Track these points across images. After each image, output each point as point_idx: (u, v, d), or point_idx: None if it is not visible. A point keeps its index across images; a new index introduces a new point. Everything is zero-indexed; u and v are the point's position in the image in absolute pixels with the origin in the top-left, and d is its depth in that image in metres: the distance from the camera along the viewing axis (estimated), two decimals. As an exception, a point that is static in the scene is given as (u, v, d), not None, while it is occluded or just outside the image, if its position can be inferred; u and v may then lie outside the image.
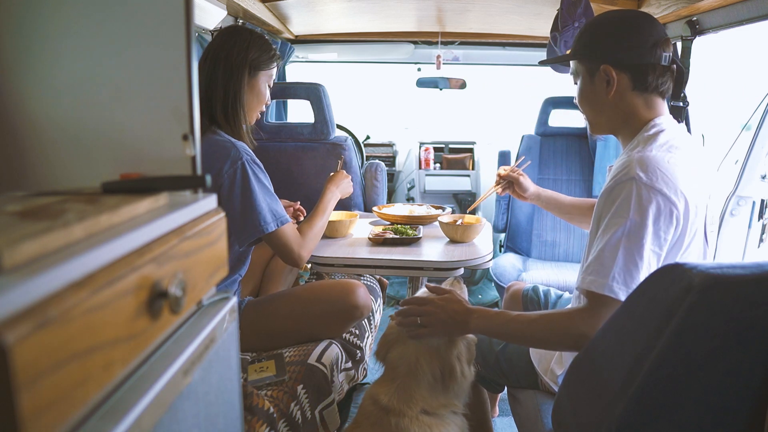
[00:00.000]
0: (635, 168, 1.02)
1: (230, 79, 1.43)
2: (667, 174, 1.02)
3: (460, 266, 1.60)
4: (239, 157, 1.35)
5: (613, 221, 1.01)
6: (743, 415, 0.80)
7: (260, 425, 1.18)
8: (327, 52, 3.07)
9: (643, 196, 0.99)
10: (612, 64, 1.13)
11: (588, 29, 1.19)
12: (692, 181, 1.05)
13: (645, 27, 1.12)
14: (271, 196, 1.41)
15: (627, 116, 1.16)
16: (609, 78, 1.14)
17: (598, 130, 1.26)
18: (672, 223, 1.00)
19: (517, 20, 2.46)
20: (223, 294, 0.72)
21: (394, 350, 1.20)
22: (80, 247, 0.44)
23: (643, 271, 0.99)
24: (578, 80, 1.23)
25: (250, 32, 1.47)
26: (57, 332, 0.38)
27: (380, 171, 2.49)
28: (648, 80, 1.12)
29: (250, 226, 1.36)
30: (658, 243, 1.00)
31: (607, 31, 1.15)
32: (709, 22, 1.73)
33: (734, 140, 1.98)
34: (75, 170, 0.74)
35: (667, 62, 1.12)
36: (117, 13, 0.69)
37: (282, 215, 1.41)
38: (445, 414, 1.15)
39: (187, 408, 0.59)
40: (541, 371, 1.32)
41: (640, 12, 1.17)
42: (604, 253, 1.01)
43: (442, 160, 3.68)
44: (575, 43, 1.22)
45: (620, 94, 1.15)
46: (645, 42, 1.10)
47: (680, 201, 1.01)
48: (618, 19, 1.16)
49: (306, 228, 1.51)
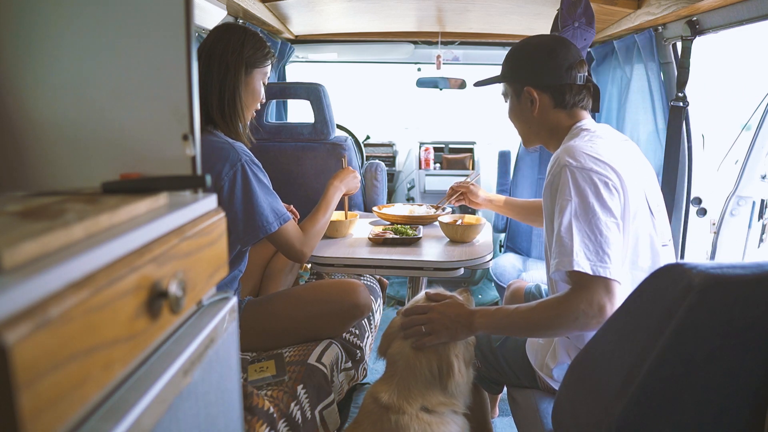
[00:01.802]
0: (564, 157, 1.13)
1: (226, 78, 1.41)
2: (593, 154, 1.12)
3: (460, 266, 1.60)
4: (238, 159, 1.34)
5: (560, 208, 1.10)
6: (743, 415, 0.80)
7: (260, 425, 1.18)
8: (327, 52, 3.07)
9: (578, 177, 1.09)
10: (533, 86, 1.28)
11: (513, 54, 1.34)
12: (622, 163, 1.14)
13: (561, 52, 1.25)
14: (272, 195, 1.41)
15: (552, 129, 1.31)
16: (532, 98, 1.28)
17: (529, 143, 1.40)
18: (612, 192, 1.09)
19: (517, 20, 2.46)
20: (223, 294, 0.72)
21: (394, 346, 1.21)
22: (80, 247, 0.44)
23: (611, 242, 1.04)
24: (508, 99, 1.38)
25: (243, 29, 1.46)
26: (57, 332, 0.38)
27: (380, 171, 2.49)
28: (566, 98, 1.27)
29: (253, 227, 1.36)
30: (609, 212, 1.07)
31: (528, 56, 1.30)
32: (709, 22, 1.73)
33: (734, 140, 1.98)
34: (75, 170, 0.74)
35: (582, 81, 1.27)
36: (117, 13, 0.69)
37: (283, 213, 1.41)
38: (445, 412, 1.15)
39: (187, 408, 0.59)
40: (537, 367, 1.33)
41: (557, 37, 1.31)
42: (561, 237, 1.07)
43: (442, 160, 3.68)
44: (503, 65, 1.36)
45: (543, 111, 1.29)
46: (560, 65, 1.25)
47: (611, 173, 1.10)
48: (537, 45, 1.30)
49: (308, 225, 1.52)
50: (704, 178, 2.05)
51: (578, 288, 1.04)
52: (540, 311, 1.09)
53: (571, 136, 1.25)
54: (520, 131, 1.40)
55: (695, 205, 2.04)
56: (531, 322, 1.10)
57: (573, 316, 1.03)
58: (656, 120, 2.12)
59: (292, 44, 2.91)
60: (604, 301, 1.01)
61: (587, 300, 1.01)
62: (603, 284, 1.02)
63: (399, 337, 1.22)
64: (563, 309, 1.04)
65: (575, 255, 1.03)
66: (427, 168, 3.61)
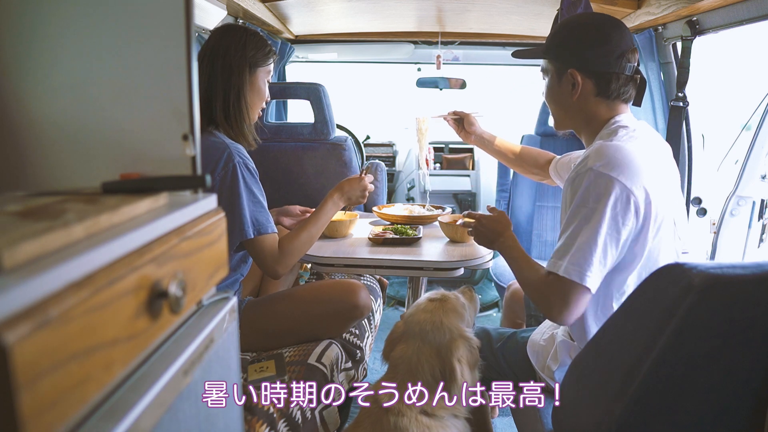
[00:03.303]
0: (593, 159, 1.08)
1: (230, 79, 1.42)
2: (624, 163, 1.06)
3: (460, 266, 1.60)
4: (231, 160, 1.34)
5: (575, 210, 1.09)
6: (743, 415, 0.80)
7: (260, 425, 1.18)
8: (327, 52, 3.07)
9: (600, 185, 1.06)
10: (578, 69, 1.19)
11: (562, 29, 1.24)
12: (654, 172, 1.10)
13: (614, 36, 1.16)
14: (257, 204, 1.38)
15: (589, 118, 1.23)
16: (574, 82, 1.20)
17: (561, 126, 1.32)
18: (630, 209, 1.05)
19: (517, 20, 2.46)
20: (223, 294, 0.72)
21: (397, 349, 1.20)
22: (80, 247, 0.44)
23: (597, 254, 1.05)
24: (547, 77, 1.29)
25: (243, 29, 1.46)
26: (57, 332, 0.38)
27: (380, 171, 2.50)
28: (611, 88, 1.18)
29: (231, 229, 1.33)
30: (615, 227, 1.05)
31: (578, 36, 1.20)
32: (709, 22, 1.73)
33: (734, 140, 1.98)
34: (75, 170, 0.74)
35: (631, 72, 1.18)
36: (117, 13, 0.69)
37: (263, 224, 1.37)
38: (446, 416, 1.15)
39: (187, 408, 0.59)
40: (538, 368, 1.33)
41: (614, 19, 1.21)
42: (567, 240, 1.08)
43: (442, 160, 3.68)
44: (549, 39, 1.27)
45: (584, 98, 1.21)
46: (612, 51, 1.16)
47: (638, 189, 1.05)
48: (590, 25, 1.21)
49: (286, 241, 1.44)
50: (704, 178, 2.05)
51: (561, 286, 1.08)
52: (535, 281, 1.17)
53: (608, 133, 1.17)
54: (554, 113, 1.32)
55: (695, 205, 2.04)
56: (525, 281, 1.22)
57: (546, 306, 1.11)
58: (656, 120, 2.12)
59: (292, 44, 2.91)
60: (573, 309, 1.07)
61: (563, 302, 1.08)
62: (581, 292, 1.06)
63: (403, 338, 1.22)
64: (544, 294, 1.12)
65: (568, 262, 1.07)
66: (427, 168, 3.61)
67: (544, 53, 1.26)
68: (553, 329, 1.36)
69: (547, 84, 1.29)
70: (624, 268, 1.11)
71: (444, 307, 1.23)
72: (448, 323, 1.19)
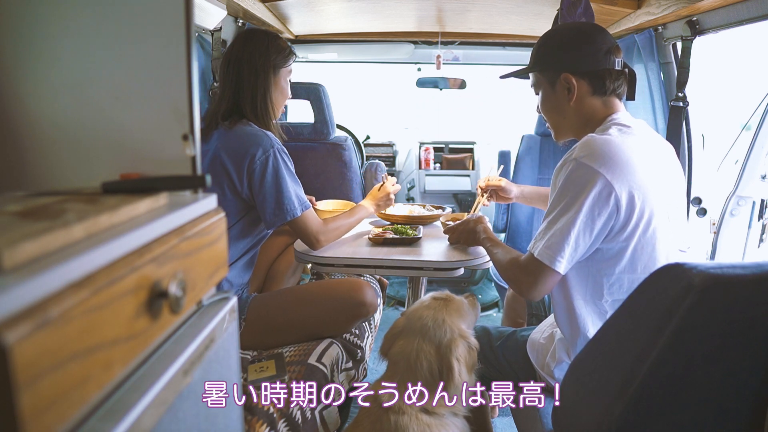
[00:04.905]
0: (580, 149, 1.12)
1: (257, 81, 1.54)
2: (609, 156, 1.09)
3: (460, 266, 1.60)
4: (271, 145, 1.47)
5: (558, 197, 1.13)
6: (743, 415, 0.80)
7: (260, 425, 1.18)
8: (327, 52, 3.07)
9: (583, 176, 1.09)
10: (571, 71, 1.22)
11: (545, 42, 1.28)
12: (645, 168, 1.11)
13: (597, 36, 1.21)
14: (297, 183, 1.53)
15: (588, 119, 1.25)
16: (569, 85, 1.22)
17: (562, 135, 1.34)
18: (609, 203, 1.08)
19: (517, 20, 2.46)
20: (223, 294, 0.72)
21: (396, 345, 1.21)
22: (80, 247, 0.44)
23: (570, 242, 1.10)
24: (539, 90, 1.32)
25: (265, 34, 1.58)
26: (57, 332, 0.38)
27: (380, 171, 2.50)
28: (606, 84, 1.21)
29: (281, 210, 1.48)
30: (591, 218, 1.09)
31: (563, 41, 1.25)
32: (709, 22, 1.73)
33: (734, 140, 1.98)
34: (75, 170, 0.74)
35: (620, 67, 1.22)
36: (117, 13, 0.69)
37: (305, 201, 1.52)
38: (445, 414, 1.15)
39: (187, 408, 0.59)
40: (537, 366, 1.33)
41: (591, 23, 1.28)
42: (547, 224, 1.14)
43: (442, 160, 3.68)
44: (533, 56, 1.31)
45: (581, 99, 1.24)
46: (599, 49, 1.20)
47: (621, 184, 1.07)
48: (572, 30, 1.26)
49: (331, 219, 1.61)
50: (704, 178, 2.05)
51: (533, 266, 1.15)
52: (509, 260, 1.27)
53: (603, 130, 1.19)
54: (552, 123, 1.34)
55: (695, 205, 2.03)
56: (501, 262, 1.31)
57: (517, 282, 1.21)
58: (656, 120, 2.11)
59: (292, 44, 2.90)
60: (540, 287, 1.15)
61: (533, 279, 1.15)
62: (551, 275, 1.13)
63: (402, 335, 1.22)
64: (517, 271, 1.21)
65: (542, 245, 1.13)
66: (427, 168, 3.61)
67: (532, 68, 1.31)
68: (552, 328, 1.37)
69: (541, 96, 1.32)
70: (612, 257, 1.14)
71: (448, 306, 1.23)
72: (450, 322, 1.19)
